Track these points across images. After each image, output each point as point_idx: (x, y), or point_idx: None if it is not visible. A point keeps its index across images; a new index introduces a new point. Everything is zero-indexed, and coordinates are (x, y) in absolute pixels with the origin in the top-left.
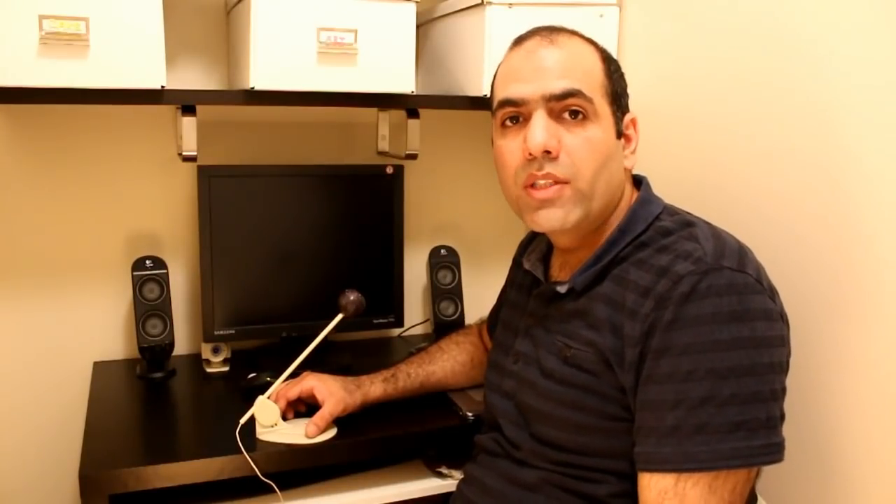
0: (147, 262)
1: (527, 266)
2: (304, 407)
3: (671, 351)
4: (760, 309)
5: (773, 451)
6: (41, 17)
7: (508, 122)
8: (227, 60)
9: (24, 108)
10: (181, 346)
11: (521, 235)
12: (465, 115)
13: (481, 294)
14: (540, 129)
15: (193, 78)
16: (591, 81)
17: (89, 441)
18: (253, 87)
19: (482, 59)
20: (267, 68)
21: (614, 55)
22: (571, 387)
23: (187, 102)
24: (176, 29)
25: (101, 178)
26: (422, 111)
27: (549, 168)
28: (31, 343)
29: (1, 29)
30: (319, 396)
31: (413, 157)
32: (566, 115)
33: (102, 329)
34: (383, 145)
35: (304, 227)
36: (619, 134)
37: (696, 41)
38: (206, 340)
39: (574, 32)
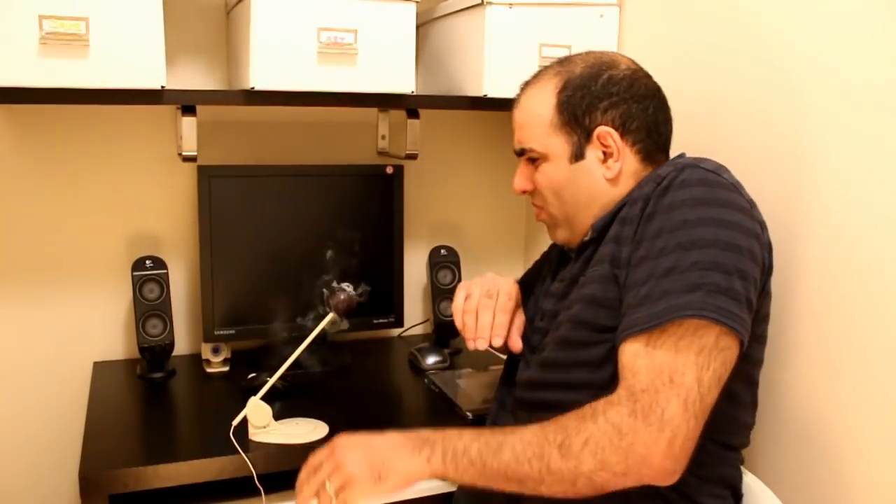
0: (147, 262)
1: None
2: None
3: (647, 236)
4: (731, 200)
5: (730, 317)
6: (41, 17)
7: None
8: (227, 60)
9: (24, 108)
10: (181, 346)
11: (520, 235)
12: (465, 115)
13: None
14: (517, 176)
15: (193, 78)
16: (537, 129)
17: (89, 441)
18: (253, 87)
19: (482, 59)
20: (267, 68)
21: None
22: (579, 302)
23: (187, 102)
24: (176, 29)
25: (101, 178)
26: (422, 111)
27: (533, 200)
28: (31, 343)
29: (1, 29)
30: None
31: (413, 157)
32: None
33: (102, 329)
34: (383, 145)
35: (304, 227)
36: (578, 156)
37: (696, 41)
38: (206, 340)
39: (544, 74)
